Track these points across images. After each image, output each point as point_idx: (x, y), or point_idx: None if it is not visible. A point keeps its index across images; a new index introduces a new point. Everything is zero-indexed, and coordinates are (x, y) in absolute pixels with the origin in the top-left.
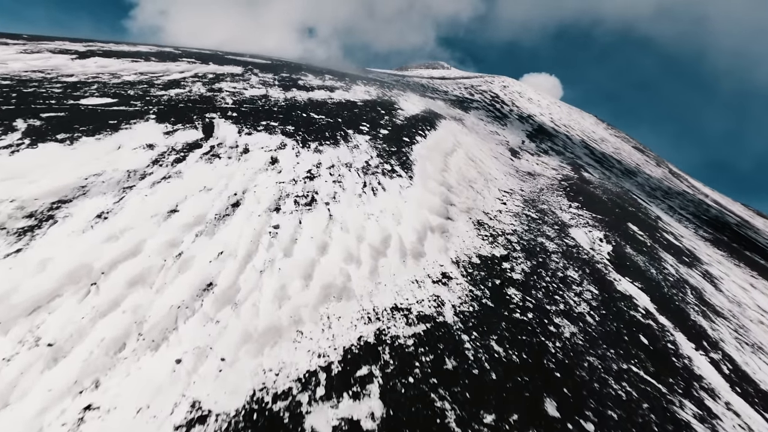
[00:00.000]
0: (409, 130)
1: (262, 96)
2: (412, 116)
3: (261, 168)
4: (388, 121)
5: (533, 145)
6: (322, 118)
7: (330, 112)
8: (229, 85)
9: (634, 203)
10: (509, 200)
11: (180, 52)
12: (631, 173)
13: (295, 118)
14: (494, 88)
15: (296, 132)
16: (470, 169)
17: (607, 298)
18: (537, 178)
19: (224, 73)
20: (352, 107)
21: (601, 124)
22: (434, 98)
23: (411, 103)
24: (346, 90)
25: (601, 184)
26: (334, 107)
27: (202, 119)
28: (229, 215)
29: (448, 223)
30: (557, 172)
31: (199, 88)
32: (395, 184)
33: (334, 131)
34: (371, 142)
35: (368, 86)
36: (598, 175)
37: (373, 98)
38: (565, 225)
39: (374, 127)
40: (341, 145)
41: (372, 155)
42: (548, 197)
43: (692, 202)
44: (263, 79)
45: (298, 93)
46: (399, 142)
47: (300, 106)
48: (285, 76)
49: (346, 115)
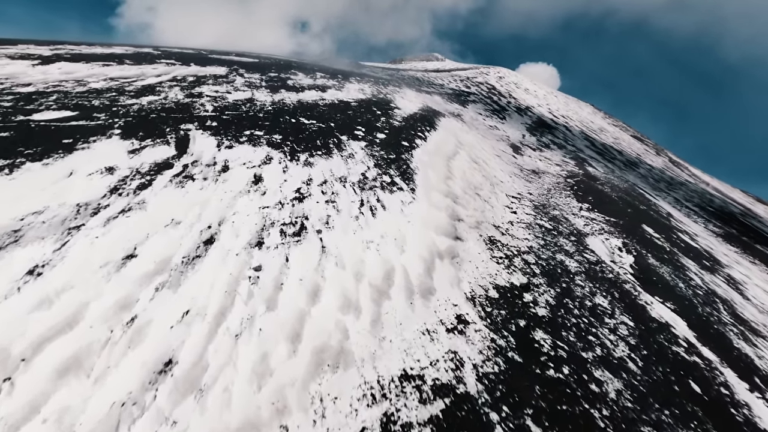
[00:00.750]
0: (407, 133)
1: (247, 100)
2: (409, 116)
3: (242, 190)
4: (385, 122)
5: (534, 139)
6: (313, 124)
7: (322, 115)
8: (211, 88)
9: (643, 200)
10: (519, 207)
11: (159, 53)
12: (633, 164)
13: (283, 125)
14: (490, 80)
15: (284, 142)
16: (475, 174)
17: (644, 331)
18: (542, 176)
19: (206, 75)
20: (345, 108)
21: (598, 113)
22: (431, 93)
23: (407, 100)
24: (339, 89)
25: (607, 179)
26: (327, 109)
27: (176, 132)
28: (200, 257)
29: (458, 245)
30: (561, 168)
31: (176, 94)
32: (396, 199)
33: (327, 138)
34: (367, 149)
35: (362, 84)
36: (602, 169)
37: (368, 97)
38: (581, 234)
39: (370, 131)
40: (334, 155)
41: (369, 165)
42: (557, 199)
43: (696, 193)
44: (249, 80)
45: (287, 95)
46: (398, 148)
47: (289, 110)
48: (273, 75)
49: (340, 118)
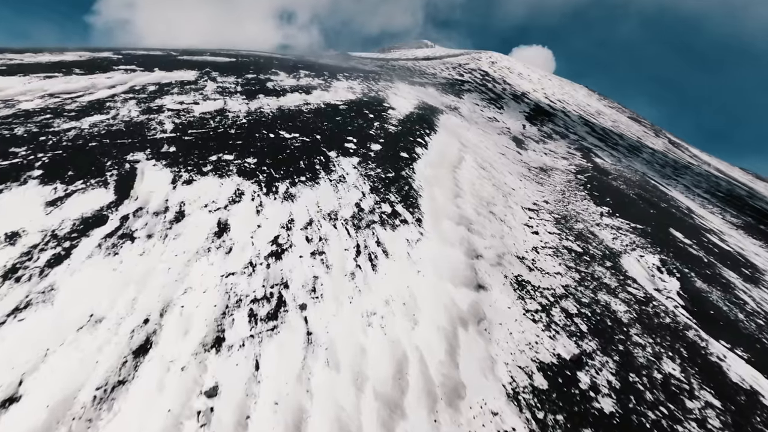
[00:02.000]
0: (406, 140)
1: (218, 112)
2: (405, 116)
3: (200, 248)
4: (379, 128)
5: (535, 129)
6: (296, 138)
7: (306, 125)
8: (175, 99)
9: (659, 194)
10: (539, 224)
11: (119, 58)
12: (636, 149)
13: (260, 143)
14: (482, 66)
15: (259, 167)
16: (484, 184)
17: (735, 413)
18: (551, 174)
19: (171, 83)
20: (333, 113)
21: (593, 95)
22: (424, 84)
23: (401, 96)
24: (326, 89)
25: (617, 171)
26: (312, 117)
27: (119, 166)
28: (124, 383)
29: (482, 299)
30: (569, 162)
31: (129, 111)
32: (400, 238)
33: (312, 157)
34: (361, 167)
35: (351, 80)
36: (609, 159)
37: (358, 97)
38: (614, 254)
39: (363, 142)
40: (322, 180)
41: (364, 190)
42: (575, 204)
43: (702, 177)
44: (222, 85)
45: (266, 101)
46: (396, 162)
47: (267, 122)
48: (251, 77)
49: (327, 128)
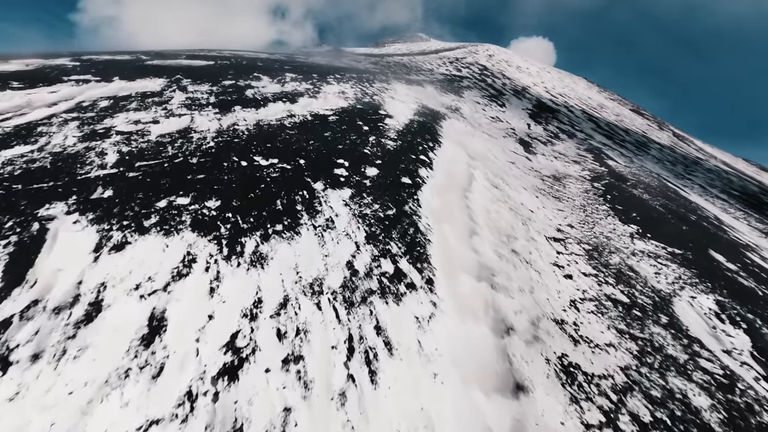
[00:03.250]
0: (407, 158)
1: (180, 133)
2: (405, 126)
3: (112, 375)
4: (376, 144)
5: (540, 129)
6: (273, 166)
7: (288, 145)
8: (130, 118)
9: (682, 201)
10: (570, 262)
11: (75, 66)
12: (644, 145)
13: (227, 176)
14: (480, 59)
15: (222, 215)
16: (500, 209)
17: None
18: (566, 183)
19: (130, 96)
20: (321, 127)
21: (593, 88)
22: (422, 83)
23: (399, 100)
24: (314, 95)
25: (633, 176)
26: (295, 133)
27: (23, 227)
28: None
29: (525, 411)
30: (581, 167)
31: (65, 138)
32: (408, 318)
33: (292, 192)
34: (354, 202)
35: (343, 83)
36: (622, 160)
37: (351, 104)
38: (664, 299)
39: (357, 165)
40: (303, 228)
41: (358, 239)
42: (601, 226)
43: (714, 174)
44: (193, 95)
45: (243, 114)
46: (397, 190)
47: (240, 144)
48: (228, 84)
49: (313, 148)
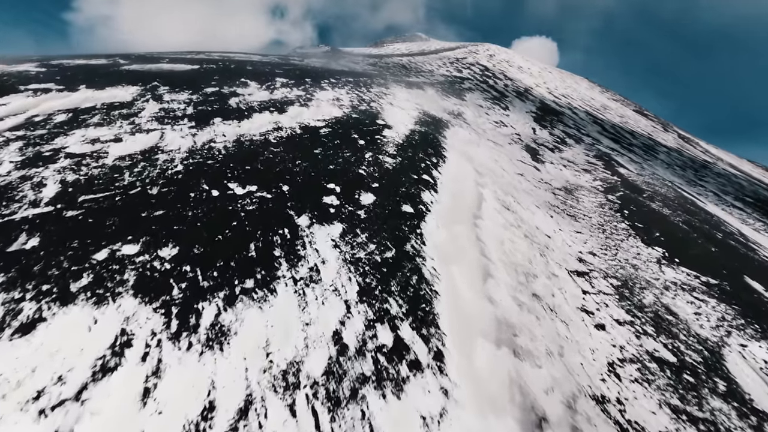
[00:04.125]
0: (408, 179)
1: (145, 153)
2: (406, 138)
3: None
4: (372, 162)
5: (546, 134)
6: (251, 195)
7: (270, 168)
8: (87, 135)
9: (703, 214)
10: (600, 305)
11: (38, 72)
12: (651, 149)
13: (193, 211)
14: (481, 60)
15: (177, 269)
16: (515, 237)
17: None
18: (579, 195)
19: (94, 107)
20: (311, 143)
21: (596, 88)
22: (422, 86)
23: (399, 107)
24: (306, 103)
25: (648, 186)
26: (281, 151)
27: None
28: None
29: None
30: (592, 176)
31: (1, 162)
32: (414, 421)
33: (270, 232)
34: (346, 242)
35: (338, 88)
36: (632, 167)
37: (346, 113)
38: (714, 355)
39: (350, 190)
40: (280, 285)
41: (349, 296)
42: (624, 250)
43: (724, 178)
44: (168, 106)
45: (222, 128)
46: (397, 223)
47: (213, 167)
48: (211, 92)
49: (300, 169)
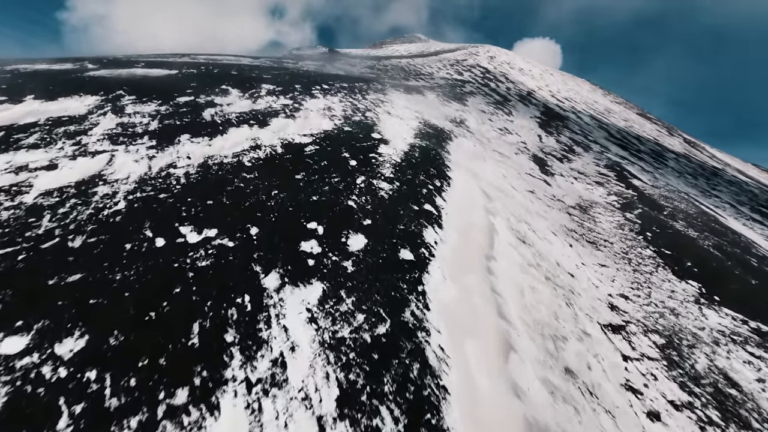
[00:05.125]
0: (408, 212)
1: (82, 185)
2: (404, 157)
3: None
4: (365, 190)
5: (553, 141)
6: (208, 243)
7: (237, 203)
8: (14, 162)
9: (729, 234)
10: (647, 380)
11: None
12: (660, 156)
13: (121, 274)
14: (481, 62)
15: (73, 379)
16: (536, 284)
17: None
18: (594, 215)
19: (36, 123)
20: (294, 165)
21: (598, 90)
22: (422, 90)
23: (397, 116)
24: (293, 113)
25: (665, 200)
26: (254, 179)
27: None
28: None
29: None
30: (606, 190)
31: None
32: None
33: (224, 303)
34: (325, 314)
35: (331, 95)
36: (645, 178)
37: (338, 125)
38: None
39: (335, 233)
40: (226, 398)
41: (325, 409)
42: (656, 288)
43: (735, 186)
44: (128, 120)
45: (189, 147)
46: (393, 283)
47: (165, 205)
48: (184, 102)
49: (275, 204)
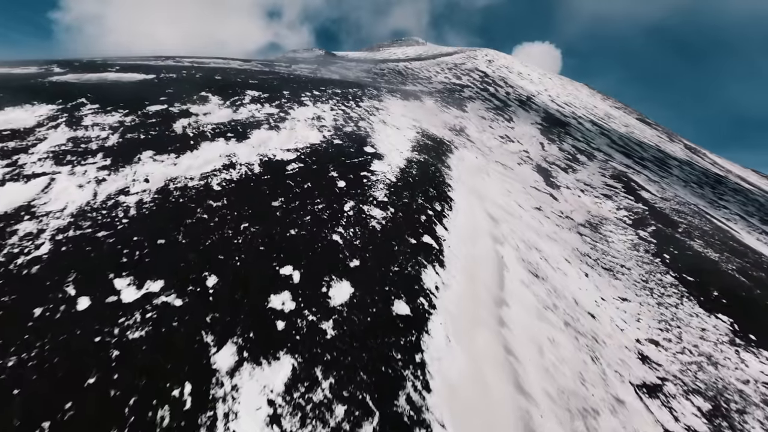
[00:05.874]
0: (403, 247)
1: None
2: (400, 175)
3: None
4: (353, 220)
5: (555, 149)
6: (143, 306)
7: (195, 241)
8: None
9: (750, 254)
10: None
11: None
12: (664, 163)
13: (18, 368)
14: (479, 65)
15: None
16: (556, 334)
17: None
18: (606, 234)
19: None
20: (270, 191)
21: (597, 95)
22: (420, 96)
23: (393, 125)
24: (277, 124)
25: (678, 215)
26: (222, 207)
27: None
28: None
29: None
30: (615, 204)
31: None
32: None
33: (158, 398)
34: (293, 407)
35: (321, 102)
36: (653, 188)
37: (327, 137)
38: None
39: (314, 282)
40: None
41: None
42: (685, 328)
43: (743, 196)
44: (84, 134)
45: (149, 168)
46: (384, 352)
47: (103, 247)
48: (154, 111)
49: (244, 242)
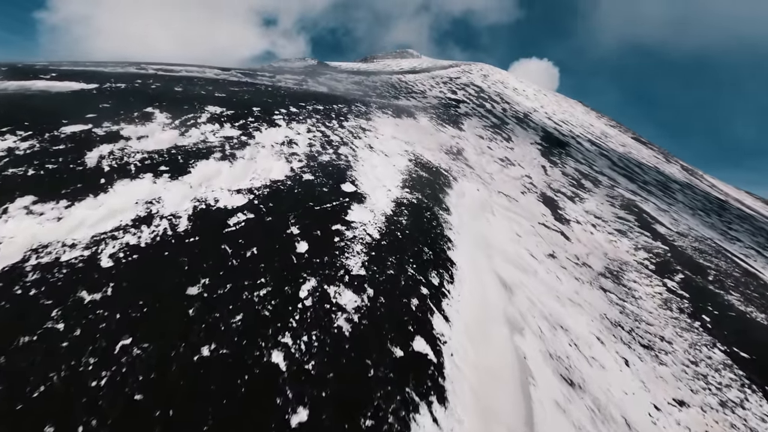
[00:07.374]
0: (383, 373)
1: None
2: (385, 229)
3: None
4: (310, 319)
5: (558, 173)
6: None
7: (19, 387)
8: None
9: None
10: None
11: None
12: (666, 187)
13: None
14: (475, 80)
15: None
16: None
17: None
18: (629, 284)
19: None
20: (192, 265)
21: (591, 113)
22: (414, 113)
23: (381, 151)
24: (233, 152)
25: (704, 257)
26: (98, 304)
27: None
28: None
29: None
30: (632, 242)
31: None
32: None
33: None
34: None
35: (298, 121)
36: (666, 220)
37: (295, 171)
38: None
39: None
40: None
41: None
42: None
43: (748, 224)
44: None
45: (16, 225)
46: None
47: None
48: (70, 133)
49: (112, 387)
